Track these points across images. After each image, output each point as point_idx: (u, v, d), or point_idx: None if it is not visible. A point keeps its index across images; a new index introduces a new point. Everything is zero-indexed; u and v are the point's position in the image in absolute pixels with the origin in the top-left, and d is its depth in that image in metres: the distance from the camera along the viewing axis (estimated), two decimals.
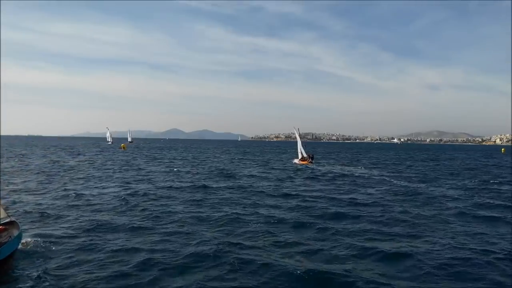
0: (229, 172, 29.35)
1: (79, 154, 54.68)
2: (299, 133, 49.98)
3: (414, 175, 31.21)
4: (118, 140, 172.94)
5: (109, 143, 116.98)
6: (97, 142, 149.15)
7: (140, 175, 26.91)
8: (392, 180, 26.74)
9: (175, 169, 31.51)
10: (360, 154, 78.67)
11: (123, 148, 76.34)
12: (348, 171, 34.39)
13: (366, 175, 30.43)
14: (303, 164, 43.35)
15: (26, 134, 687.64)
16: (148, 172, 29.27)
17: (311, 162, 43.54)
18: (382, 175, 30.39)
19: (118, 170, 30.01)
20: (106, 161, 41.18)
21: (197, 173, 28.49)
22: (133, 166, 33.88)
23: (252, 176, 28.09)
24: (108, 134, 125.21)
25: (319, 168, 37.61)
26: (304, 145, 49.49)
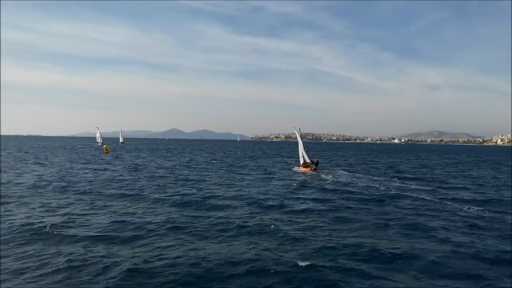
0: (201, 199, 18.75)
1: (36, 158, 44.90)
2: (300, 134, 40.47)
3: (480, 195, 21.10)
4: (111, 141, 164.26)
5: (98, 144, 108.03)
6: (88, 143, 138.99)
7: (53, 201, 17.02)
8: (457, 206, 16.73)
9: (124, 189, 21.29)
10: (373, 158, 68.49)
11: (106, 150, 66.30)
12: (376, 181, 24.55)
13: (408, 193, 20.51)
14: (306, 170, 36.25)
15: (26, 134, 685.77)
16: (75, 195, 19.19)
17: (315, 170, 35.60)
18: (434, 194, 20.60)
19: (38, 187, 20.16)
20: (46, 170, 31.21)
21: (153, 201, 17.65)
22: (70, 183, 23.69)
23: (236, 206, 16.80)
24: (98, 135, 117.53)
25: (335, 179, 27.75)
26: (306, 147, 40.09)
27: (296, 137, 42.10)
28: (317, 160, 38.70)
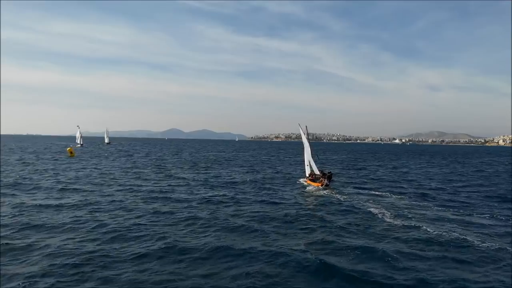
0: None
1: None
2: (307, 134, 30.02)
3: None
4: (99, 141, 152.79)
5: (77, 145, 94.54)
6: (73, 143, 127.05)
7: None
8: None
9: None
10: (396, 164, 57.12)
11: (71, 154, 54.92)
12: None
13: None
14: (315, 186, 26.80)
15: (25, 133, 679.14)
16: None
17: (328, 185, 25.95)
18: None
19: None
20: None
21: None
22: None
23: None
24: (77, 135, 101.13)
25: (413, 227, 15.98)
26: (315, 154, 29.72)
27: (300, 137, 31.64)
28: (330, 172, 27.99)
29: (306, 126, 30.06)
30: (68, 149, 58.09)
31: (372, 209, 17.91)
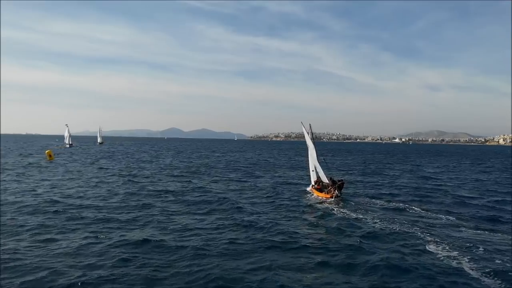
0: None
1: None
2: (312, 134, 24.34)
3: None
4: (93, 141, 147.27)
5: (66, 145, 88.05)
6: (61, 143, 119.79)
7: None
8: None
9: None
10: (411, 168, 51.06)
11: (49, 157, 48.63)
12: None
13: None
14: (322, 197, 22.12)
15: (25, 133, 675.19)
16: None
17: (338, 196, 21.38)
18: None
19: None
20: None
21: None
22: None
23: None
24: (66, 134, 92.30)
25: None
26: (322, 158, 24.24)
27: (300, 136, 25.67)
28: (341, 180, 22.53)
29: (310, 125, 24.30)
30: (47, 152, 51.66)
31: (427, 245, 11.83)
